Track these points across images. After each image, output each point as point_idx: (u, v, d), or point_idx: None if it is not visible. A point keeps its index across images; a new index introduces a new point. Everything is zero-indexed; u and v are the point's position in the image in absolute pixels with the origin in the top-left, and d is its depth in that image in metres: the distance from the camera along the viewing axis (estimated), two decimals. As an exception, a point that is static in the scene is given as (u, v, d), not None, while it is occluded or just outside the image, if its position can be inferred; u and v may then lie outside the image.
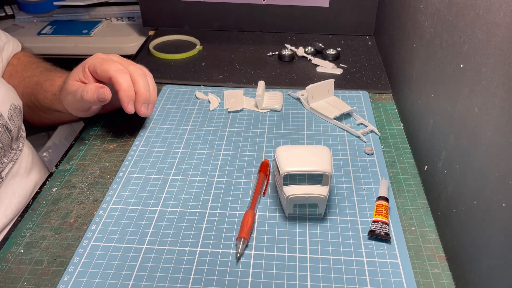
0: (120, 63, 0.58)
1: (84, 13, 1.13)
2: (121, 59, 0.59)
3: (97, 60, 0.56)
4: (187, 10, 0.92)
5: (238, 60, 0.82)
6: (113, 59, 0.58)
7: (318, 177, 0.52)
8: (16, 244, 0.47)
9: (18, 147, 0.62)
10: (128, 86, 0.56)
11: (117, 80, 0.55)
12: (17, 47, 0.74)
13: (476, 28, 0.41)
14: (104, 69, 0.56)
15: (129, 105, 0.57)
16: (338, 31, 0.92)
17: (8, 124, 0.58)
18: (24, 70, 0.69)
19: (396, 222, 0.49)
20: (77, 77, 0.58)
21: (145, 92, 0.57)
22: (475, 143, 0.40)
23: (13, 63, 0.71)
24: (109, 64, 0.56)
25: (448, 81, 0.48)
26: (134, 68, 0.58)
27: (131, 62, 0.59)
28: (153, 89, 0.60)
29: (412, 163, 0.57)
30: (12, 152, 0.60)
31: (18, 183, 0.60)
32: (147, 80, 0.58)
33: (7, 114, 0.58)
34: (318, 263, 0.44)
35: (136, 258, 0.45)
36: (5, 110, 0.58)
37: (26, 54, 0.74)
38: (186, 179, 0.55)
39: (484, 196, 0.38)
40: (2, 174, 0.57)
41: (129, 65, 0.58)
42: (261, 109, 0.68)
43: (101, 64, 0.56)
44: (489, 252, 0.37)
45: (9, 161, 0.59)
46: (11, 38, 0.73)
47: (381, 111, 0.68)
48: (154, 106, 0.61)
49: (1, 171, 0.57)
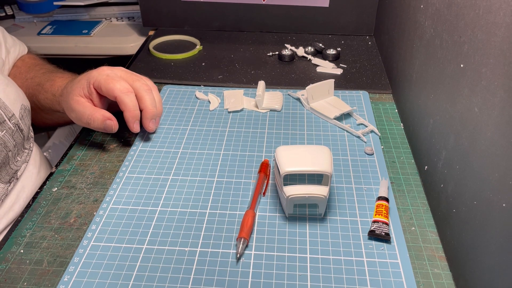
0: (126, 79, 0.58)
1: (84, 13, 1.13)
2: (126, 74, 0.59)
3: (102, 77, 0.56)
4: (187, 10, 0.92)
5: (238, 60, 0.82)
6: (118, 76, 0.57)
7: (318, 177, 0.52)
8: (16, 244, 0.47)
9: (30, 147, 0.63)
10: (133, 106, 0.57)
11: (122, 100, 0.56)
12: (24, 50, 0.75)
13: (476, 28, 0.41)
14: (109, 88, 0.56)
15: (134, 125, 0.58)
16: (338, 31, 0.92)
17: (20, 123, 0.59)
18: (28, 72, 0.69)
19: (396, 222, 0.49)
20: (82, 92, 0.58)
21: (152, 108, 0.58)
22: (475, 143, 0.40)
23: (18, 65, 0.72)
24: (114, 83, 0.56)
25: (448, 81, 0.48)
26: (139, 85, 0.58)
27: (136, 77, 0.59)
28: (159, 103, 0.61)
29: (412, 163, 0.57)
30: (25, 151, 0.61)
31: (28, 179, 0.61)
32: (153, 96, 0.59)
33: (19, 114, 0.59)
34: (318, 263, 0.44)
35: (136, 258, 0.45)
36: (17, 110, 0.59)
37: (31, 56, 0.75)
38: (186, 179, 0.55)
39: (484, 196, 0.38)
40: (18, 174, 0.58)
41: (134, 81, 0.58)
42: (261, 109, 0.68)
43: (106, 82, 0.56)
44: (489, 252, 0.37)
45: (23, 161, 0.60)
46: (18, 42, 0.74)
47: (381, 111, 0.68)
48: (160, 120, 0.62)
49: (17, 170, 0.58)
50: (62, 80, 0.63)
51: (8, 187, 0.57)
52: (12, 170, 0.57)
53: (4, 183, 0.56)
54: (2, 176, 0.55)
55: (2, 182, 0.55)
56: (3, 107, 0.57)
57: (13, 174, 0.58)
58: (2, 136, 0.55)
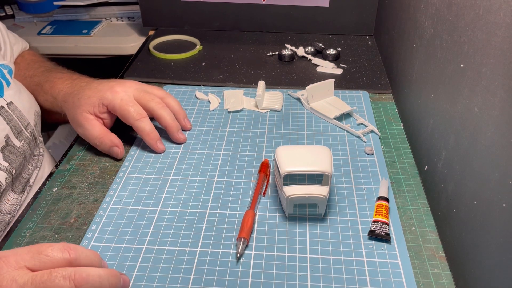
0: (139, 99, 0.58)
1: (84, 13, 1.13)
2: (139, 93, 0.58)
3: (116, 102, 0.57)
4: (187, 10, 0.92)
5: (238, 60, 0.82)
6: (131, 99, 0.58)
7: (318, 177, 0.52)
8: (16, 244, 0.47)
9: (40, 153, 0.63)
10: (150, 129, 0.57)
11: (138, 127, 0.57)
12: (25, 46, 0.75)
13: (476, 28, 0.41)
14: (123, 114, 0.57)
15: (158, 145, 0.59)
16: (338, 31, 0.92)
17: (35, 131, 0.60)
18: (26, 69, 0.69)
19: (396, 222, 0.49)
20: (92, 110, 0.58)
21: (173, 122, 0.59)
22: (475, 143, 0.40)
23: (17, 61, 0.71)
24: (129, 109, 0.57)
25: (448, 81, 0.48)
26: (153, 104, 0.58)
27: (149, 96, 0.59)
28: (178, 107, 0.62)
29: (412, 163, 0.57)
30: (35, 158, 0.61)
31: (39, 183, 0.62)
32: (169, 110, 0.59)
33: (33, 122, 0.60)
34: (318, 263, 0.44)
35: (136, 258, 0.45)
36: (31, 118, 0.59)
37: (30, 52, 0.75)
38: (186, 179, 0.55)
39: (484, 196, 0.38)
40: (30, 182, 0.58)
41: (148, 102, 0.58)
42: (261, 109, 0.68)
43: (121, 108, 0.57)
44: (489, 252, 0.37)
45: (34, 167, 0.60)
46: (20, 39, 0.74)
47: (381, 111, 0.68)
48: (188, 119, 0.64)
49: (29, 178, 0.58)
50: (62, 82, 0.63)
51: (22, 196, 0.57)
52: (24, 179, 0.58)
53: (17, 194, 0.56)
54: (16, 186, 0.56)
55: (16, 193, 0.56)
56: (20, 116, 0.57)
57: (26, 183, 0.58)
58: (21, 146, 0.55)
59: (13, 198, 0.55)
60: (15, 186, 0.55)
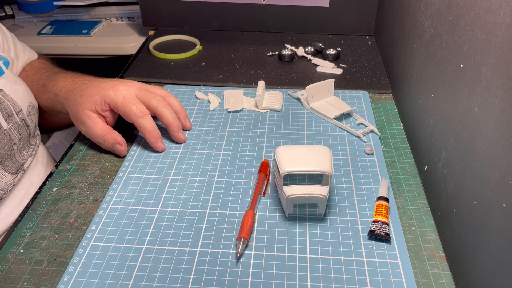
0: (141, 98, 0.59)
1: (84, 13, 1.13)
2: (141, 92, 0.59)
3: (119, 100, 0.57)
4: (187, 10, 0.92)
5: (238, 60, 0.82)
6: (134, 97, 0.58)
7: (318, 177, 0.52)
8: (16, 244, 0.47)
9: (36, 143, 0.64)
10: (151, 127, 0.58)
11: (139, 124, 0.57)
12: (33, 55, 0.76)
13: (476, 28, 0.41)
14: (126, 112, 0.57)
15: (158, 144, 0.59)
16: (338, 31, 0.92)
17: (27, 119, 0.60)
18: (34, 75, 0.71)
19: (396, 222, 0.49)
20: (94, 107, 0.58)
21: (174, 121, 0.59)
22: (475, 143, 0.40)
23: (26, 69, 0.73)
24: (131, 107, 0.57)
25: (448, 81, 0.48)
26: (155, 102, 0.59)
27: (151, 94, 0.59)
28: (179, 107, 0.62)
29: (412, 163, 0.57)
30: (31, 147, 0.63)
31: (36, 175, 0.63)
32: (171, 109, 0.60)
33: (26, 110, 0.61)
34: (318, 263, 0.44)
35: (136, 258, 0.45)
36: (25, 106, 0.61)
37: (40, 61, 0.76)
38: (186, 179, 0.55)
39: (484, 196, 0.38)
40: (24, 166, 0.60)
41: (150, 100, 0.59)
42: (261, 109, 0.68)
43: (123, 106, 0.57)
44: (489, 252, 0.37)
45: (29, 155, 0.61)
46: (28, 48, 0.75)
47: (381, 111, 0.68)
48: (189, 119, 0.64)
49: (23, 163, 0.60)
50: (65, 80, 0.64)
51: (16, 177, 0.58)
52: (19, 162, 0.59)
53: (11, 174, 0.57)
54: (9, 167, 0.57)
55: (9, 173, 0.57)
56: (11, 102, 0.59)
57: (20, 166, 0.59)
58: (8, 129, 0.57)
59: (6, 177, 0.56)
60: (7, 166, 0.56)
